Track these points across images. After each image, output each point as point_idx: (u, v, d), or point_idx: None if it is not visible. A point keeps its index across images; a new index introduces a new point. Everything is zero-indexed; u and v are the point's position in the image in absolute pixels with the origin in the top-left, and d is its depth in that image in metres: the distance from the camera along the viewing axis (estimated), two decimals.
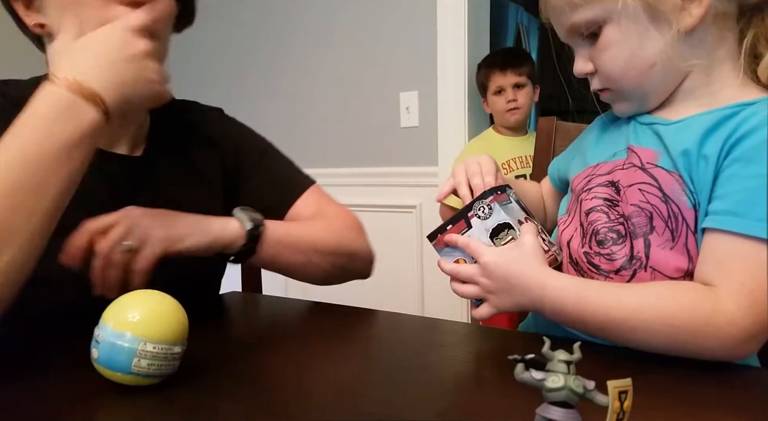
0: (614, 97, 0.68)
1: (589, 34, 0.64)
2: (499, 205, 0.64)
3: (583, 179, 0.71)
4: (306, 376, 0.54)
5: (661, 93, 0.65)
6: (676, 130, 0.63)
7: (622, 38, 0.62)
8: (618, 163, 0.67)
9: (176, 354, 0.48)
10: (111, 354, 0.45)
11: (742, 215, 0.54)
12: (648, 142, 0.65)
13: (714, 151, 0.58)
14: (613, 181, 0.67)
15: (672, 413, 0.44)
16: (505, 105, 1.95)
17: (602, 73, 0.66)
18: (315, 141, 2.34)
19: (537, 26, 3.15)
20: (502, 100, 1.96)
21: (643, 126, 0.67)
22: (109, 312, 0.47)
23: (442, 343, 0.65)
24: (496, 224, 0.64)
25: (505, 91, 1.95)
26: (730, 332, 0.52)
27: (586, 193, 0.70)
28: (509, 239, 0.64)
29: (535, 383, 0.33)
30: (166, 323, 0.47)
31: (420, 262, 2.12)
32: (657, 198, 0.62)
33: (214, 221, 0.68)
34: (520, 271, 0.60)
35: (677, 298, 0.54)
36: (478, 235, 0.64)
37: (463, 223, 0.65)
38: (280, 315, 0.79)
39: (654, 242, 0.62)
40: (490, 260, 0.62)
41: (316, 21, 2.32)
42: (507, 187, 0.69)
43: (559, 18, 0.66)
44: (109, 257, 0.59)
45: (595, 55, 0.65)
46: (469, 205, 0.65)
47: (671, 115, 0.65)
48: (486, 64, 1.99)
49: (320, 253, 0.78)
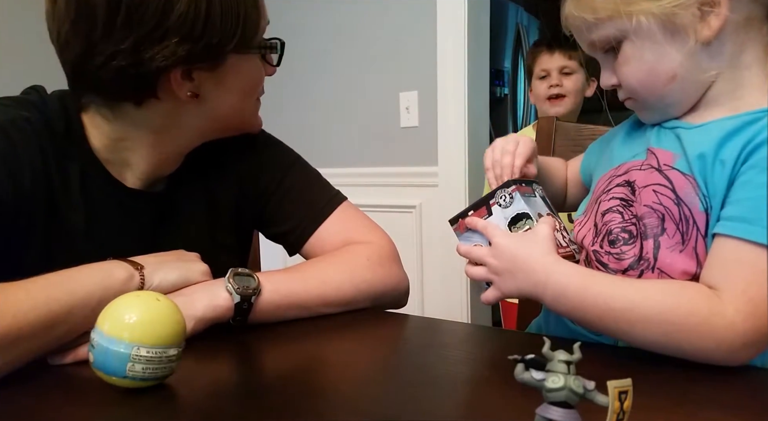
0: (638, 107, 0.69)
1: (609, 49, 0.65)
2: (521, 195, 0.65)
3: (605, 181, 0.72)
4: (306, 376, 0.54)
5: (684, 103, 0.65)
6: (696, 134, 0.63)
7: (640, 54, 0.63)
8: (636, 163, 0.68)
9: (172, 357, 0.47)
10: (105, 359, 0.45)
11: (753, 222, 0.54)
12: (668, 145, 0.65)
13: (731, 157, 0.58)
14: (629, 181, 0.67)
15: (672, 413, 0.44)
16: (546, 91, 1.66)
17: (625, 87, 0.67)
18: (315, 141, 2.34)
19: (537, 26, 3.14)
20: (544, 85, 1.68)
21: (666, 130, 0.67)
22: (103, 316, 0.47)
23: (442, 343, 0.65)
24: (516, 213, 0.65)
25: (549, 76, 1.67)
26: (727, 336, 0.52)
27: (605, 194, 0.70)
28: (527, 228, 0.64)
29: (535, 383, 0.33)
30: (161, 326, 0.47)
31: (420, 262, 2.12)
32: (670, 200, 0.62)
33: (203, 296, 0.62)
34: (528, 253, 0.61)
35: (678, 295, 0.55)
36: (497, 222, 0.65)
37: (484, 210, 0.67)
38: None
39: (664, 244, 0.62)
40: (501, 242, 0.63)
41: (315, 21, 2.32)
42: (534, 183, 0.70)
43: (579, 35, 0.68)
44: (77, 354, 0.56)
45: (617, 69, 0.66)
46: (491, 193, 0.66)
47: (695, 120, 0.65)
48: (535, 44, 1.79)
49: (332, 305, 0.72)
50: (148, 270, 0.61)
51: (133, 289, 0.59)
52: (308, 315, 0.70)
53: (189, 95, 0.67)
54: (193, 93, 0.67)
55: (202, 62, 0.65)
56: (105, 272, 0.58)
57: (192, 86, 0.67)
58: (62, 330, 0.54)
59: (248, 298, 0.64)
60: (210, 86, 0.69)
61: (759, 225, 0.53)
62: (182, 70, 0.65)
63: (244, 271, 0.66)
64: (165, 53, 0.62)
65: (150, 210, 0.75)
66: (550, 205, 0.70)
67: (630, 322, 0.54)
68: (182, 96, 0.67)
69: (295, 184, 0.84)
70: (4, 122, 0.64)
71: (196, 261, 0.68)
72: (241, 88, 0.73)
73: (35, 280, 0.54)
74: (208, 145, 0.79)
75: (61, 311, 0.53)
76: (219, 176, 0.81)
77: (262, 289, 0.66)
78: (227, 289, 0.63)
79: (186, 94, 0.67)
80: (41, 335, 0.52)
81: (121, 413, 0.46)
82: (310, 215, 0.82)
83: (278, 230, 0.84)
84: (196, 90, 0.67)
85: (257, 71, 0.74)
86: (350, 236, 0.81)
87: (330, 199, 0.84)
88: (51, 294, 0.54)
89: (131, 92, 0.66)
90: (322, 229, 0.81)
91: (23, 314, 0.51)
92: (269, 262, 1.13)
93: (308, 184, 0.85)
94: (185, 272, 0.65)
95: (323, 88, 2.33)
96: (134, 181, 0.73)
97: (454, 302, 2.06)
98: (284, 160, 0.86)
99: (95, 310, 0.49)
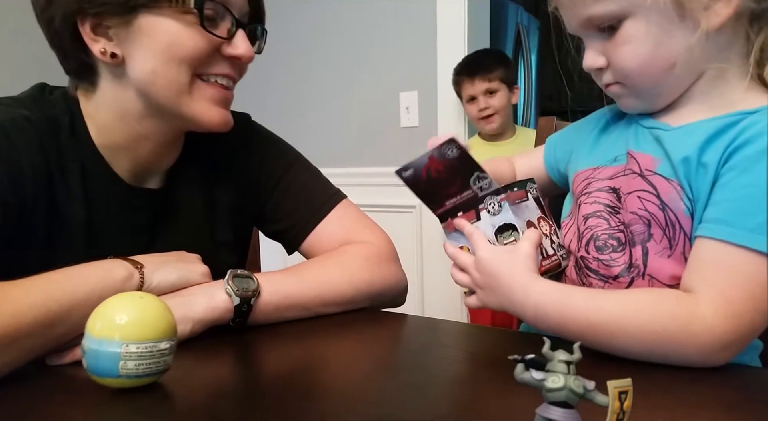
0: (625, 93, 0.66)
1: (605, 28, 0.62)
2: (509, 204, 0.64)
3: (582, 182, 0.71)
4: (305, 376, 0.54)
5: (673, 93, 0.64)
6: (678, 137, 0.62)
7: (644, 34, 0.59)
8: (619, 169, 0.67)
9: (164, 350, 0.47)
10: (97, 361, 0.46)
11: (732, 223, 0.54)
12: (647, 148, 0.65)
13: (714, 160, 0.57)
14: (614, 188, 0.66)
15: (672, 413, 0.44)
16: (477, 113, 1.88)
17: (617, 69, 0.63)
18: (315, 141, 2.34)
19: (537, 26, 3.14)
20: (474, 108, 1.89)
21: (644, 130, 0.66)
22: (90, 321, 0.47)
23: (442, 343, 0.65)
24: (502, 222, 0.64)
25: (476, 99, 1.87)
26: (706, 339, 0.51)
27: (585, 196, 0.69)
28: (511, 239, 0.64)
29: (535, 383, 0.33)
30: (146, 321, 0.47)
31: (420, 262, 2.12)
32: (655, 206, 0.62)
33: (202, 298, 0.62)
34: (508, 272, 0.60)
35: (655, 305, 0.54)
36: (484, 229, 0.65)
37: (473, 213, 0.66)
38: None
39: (652, 250, 0.62)
40: (483, 256, 0.62)
41: (316, 21, 2.32)
42: (528, 182, 0.69)
43: (573, 8, 0.63)
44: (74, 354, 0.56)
45: (611, 49, 0.62)
46: (481, 198, 0.65)
47: (674, 120, 0.64)
48: (457, 71, 1.92)
49: (331, 305, 0.72)
50: (148, 269, 0.61)
51: (132, 288, 0.59)
52: (308, 315, 0.70)
53: (111, 56, 0.65)
54: (113, 53, 0.65)
55: (109, 15, 0.64)
56: (105, 270, 0.58)
57: (110, 45, 0.65)
58: (62, 329, 0.54)
59: (248, 300, 0.64)
60: (128, 48, 0.65)
61: (738, 227, 0.53)
62: (91, 23, 0.64)
63: (243, 272, 0.66)
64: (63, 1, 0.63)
65: (150, 206, 0.75)
66: (544, 205, 0.70)
67: (610, 334, 0.54)
68: (98, 54, 0.65)
69: (295, 182, 0.84)
70: (3, 122, 0.64)
71: (196, 262, 0.68)
72: (160, 51, 0.65)
73: (34, 279, 0.54)
74: (208, 143, 0.79)
75: (60, 310, 0.53)
76: (219, 173, 0.81)
77: (261, 290, 0.66)
78: (227, 291, 0.63)
79: (100, 51, 0.65)
80: (41, 333, 0.52)
81: (119, 413, 0.46)
82: (309, 212, 0.82)
83: (277, 228, 0.85)
84: (114, 49, 0.65)
85: (181, 36, 0.65)
86: (349, 234, 0.81)
87: (329, 197, 0.84)
88: (50, 293, 0.54)
89: (71, 59, 0.68)
90: (321, 226, 0.81)
91: (22, 312, 0.51)
92: (269, 262, 1.13)
93: (308, 182, 0.85)
94: (185, 273, 0.65)
95: (323, 88, 2.33)
96: (128, 174, 0.73)
97: (454, 302, 2.06)
98: (284, 158, 0.86)
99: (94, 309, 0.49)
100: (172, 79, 0.66)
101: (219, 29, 0.67)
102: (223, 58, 0.68)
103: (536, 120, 2.03)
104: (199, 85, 0.68)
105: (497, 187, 0.64)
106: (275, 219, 0.84)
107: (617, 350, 0.54)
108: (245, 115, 0.86)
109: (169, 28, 0.64)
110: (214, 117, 0.70)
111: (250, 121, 0.87)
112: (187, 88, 0.67)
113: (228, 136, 0.78)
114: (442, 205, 0.67)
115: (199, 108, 0.68)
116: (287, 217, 0.83)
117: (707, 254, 0.55)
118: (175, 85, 0.66)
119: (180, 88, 0.66)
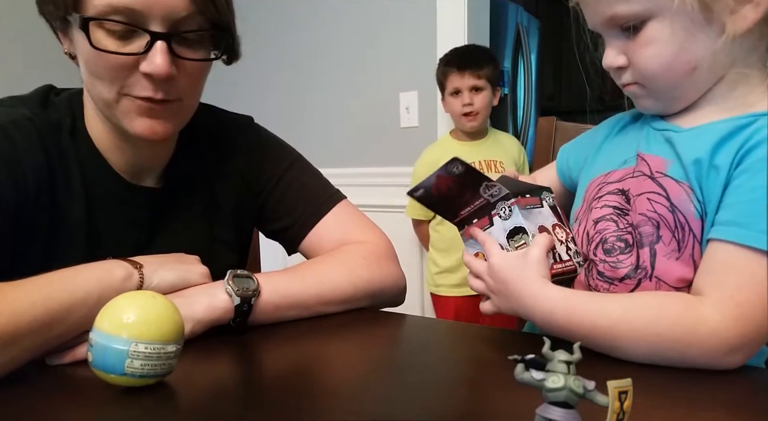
0: (643, 94, 0.65)
1: (628, 27, 0.61)
2: (520, 208, 0.64)
3: (595, 188, 0.71)
4: (305, 376, 0.54)
5: (692, 96, 0.63)
6: (689, 138, 0.61)
7: (668, 36, 0.58)
8: (628, 171, 0.67)
9: (170, 353, 0.48)
10: (104, 357, 0.46)
11: (744, 225, 0.54)
12: (658, 150, 0.64)
13: (726, 162, 0.57)
14: (623, 190, 0.66)
15: (672, 413, 0.44)
16: (460, 108, 1.81)
17: (637, 70, 0.62)
18: (315, 141, 2.34)
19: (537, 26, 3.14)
20: (458, 102, 1.82)
21: (655, 132, 0.66)
22: (101, 315, 0.47)
23: (442, 343, 0.65)
24: (513, 226, 0.64)
25: (461, 94, 1.81)
26: (712, 343, 0.51)
27: (596, 201, 0.69)
28: (522, 242, 0.64)
29: (535, 383, 0.33)
30: (158, 322, 0.47)
31: (420, 262, 2.12)
32: (664, 207, 0.61)
33: (202, 298, 0.62)
34: (518, 278, 0.61)
35: (660, 308, 0.54)
36: (496, 234, 0.65)
37: (486, 219, 0.66)
38: None
39: (660, 252, 0.61)
40: (495, 263, 0.63)
41: (315, 21, 2.32)
42: (545, 191, 0.69)
43: (596, 6, 0.62)
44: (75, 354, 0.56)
45: (632, 49, 0.61)
46: (494, 204, 0.66)
47: (686, 122, 0.64)
48: (445, 62, 1.86)
49: (331, 304, 0.72)
50: (147, 269, 0.61)
51: (131, 288, 0.59)
52: (308, 315, 0.71)
53: (73, 57, 0.67)
54: (73, 55, 0.67)
55: (54, 21, 0.65)
56: (104, 270, 0.59)
57: (72, 47, 0.66)
58: (61, 329, 0.54)
59: (248, 300, 0.64)
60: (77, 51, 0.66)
61: (751, 229, 0.53)
62: (60, 25, 0.65)
63: (243, 272, 0.66)
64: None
65: (150, 204, 0.75)
66: (561, 213, 0.69)
67: (616, 338, 0.54)
68: (67, 53, 0.67)
69: (295, 182, 0.84)
70: (5, 123, 0.64)
71: (195, 263, 0.68)
72: (84, 66, 0.65)
73: (34, 279, 0.54)
74: (209, 143, 0.79)
75: (60, 310, 0.53)
76: (219, 173, 0.81)
77: (261, 290, 0.66)
78: (227, 291, 0.63)
79: (64, 50, 0.67)
80: (40, 333, 0.52)
81: (120, 413, 0.46)
82: (308, 211, 0.82)
83: (276, 227, 0.85)
84: (73, 52, 0.67)
85: (90, 54, 0.62)
86: (348, 234, 0.81)
87: (329, 196, 0.84)
88: (50, 293, 0.54)
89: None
90: (320, 226, 0.82)
91: (22, 312, 0.51)
92: (269, 262, 1.13)
93: (307, 181, 0.85)
94: (184, 274, 0.65)
95: (323, 88, 2.33)
96: (126, 171, 0.73)
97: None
98: (284, 158, 0.86)
99: (94, 309, 0.49)
100: (99, 92, 0.65)
101: (133, 44, 0.61)
102: (143, 75, 0.63)
103: (536, 120, 2.02)
104: (123, 100, 0.65)
105: (507, 192, 0.64)
106: (275, 218, 0.84)
107: (623, 354, 0.54)
108: (248, 118, 0.87)
109: (84, 46, 0.62)
110: (137, 128, 0.66)
111: (252, 123, 0.87)
112: (113, 102, 0.65)
113: (229, 136, 0.78)
114: (457, 214, 0.68)
115: (125, 120, 0.66)
116: (287, 215, 0.83)
117: (718, 257, 0.55)
118: (101, 98, 0.65)
119: (106, 103, 0.65)
